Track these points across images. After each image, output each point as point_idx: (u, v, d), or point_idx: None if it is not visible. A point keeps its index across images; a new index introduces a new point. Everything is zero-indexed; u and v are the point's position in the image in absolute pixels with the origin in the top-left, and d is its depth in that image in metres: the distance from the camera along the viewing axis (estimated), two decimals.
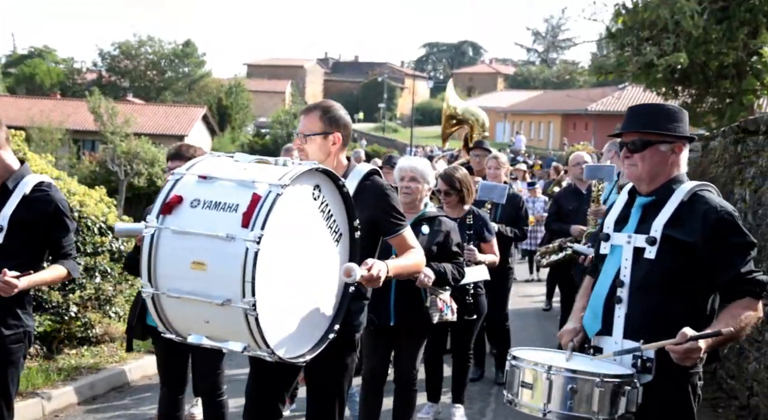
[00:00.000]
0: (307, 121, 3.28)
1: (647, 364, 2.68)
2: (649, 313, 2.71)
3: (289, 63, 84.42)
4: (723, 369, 6.31)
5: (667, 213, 2.75)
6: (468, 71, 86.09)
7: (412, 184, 4.52)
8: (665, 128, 2.79)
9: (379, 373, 4.65)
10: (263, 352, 2.63)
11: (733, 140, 6.52)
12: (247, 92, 56.11)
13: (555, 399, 2.57)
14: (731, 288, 2.68)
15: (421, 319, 4.52)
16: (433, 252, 4.47)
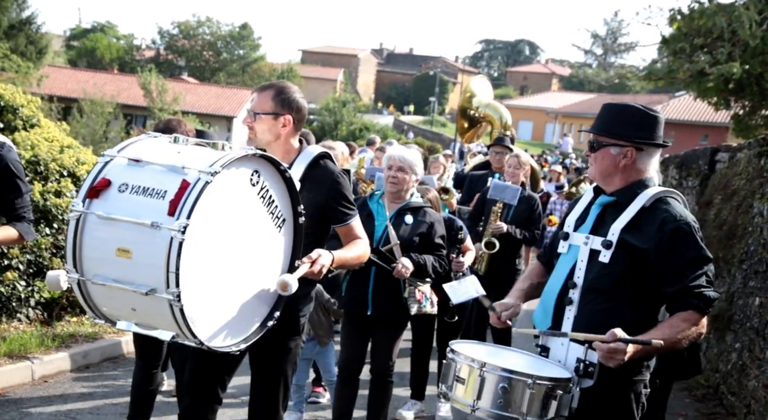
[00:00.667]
0: (259, 100, 3.18)
1: (589, 369, 2.63)
2: (597, 316, 2.66)
3: (343, 51, 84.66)
4: (725, 385, 6.11)
5: (626, 217, 2.70)
6: (522, 70, 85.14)
7: (399, 174, 4.44)
8: (617, 132, 2.74)
9: (354, 362, 4.58)
10: (192, 342, 2.57)
11: (758, 153, 6.28)
12: (300, 78, 56.43)
13: (485, 396, 2.55)
14: (676, 299, 2.63)
15: (398, 310, 4.44)
16: (415, 243, 4.39)
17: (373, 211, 4.51)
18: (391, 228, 4.40)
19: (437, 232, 4.50)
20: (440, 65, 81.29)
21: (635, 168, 2.75)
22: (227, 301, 2.70)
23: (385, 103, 76.81)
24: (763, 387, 5.16)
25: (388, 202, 4.52)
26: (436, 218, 4.56)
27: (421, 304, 4.49)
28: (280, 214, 2.86)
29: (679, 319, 2.59)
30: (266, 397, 3.24)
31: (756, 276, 5.72)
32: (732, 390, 5.93)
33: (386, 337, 4.52)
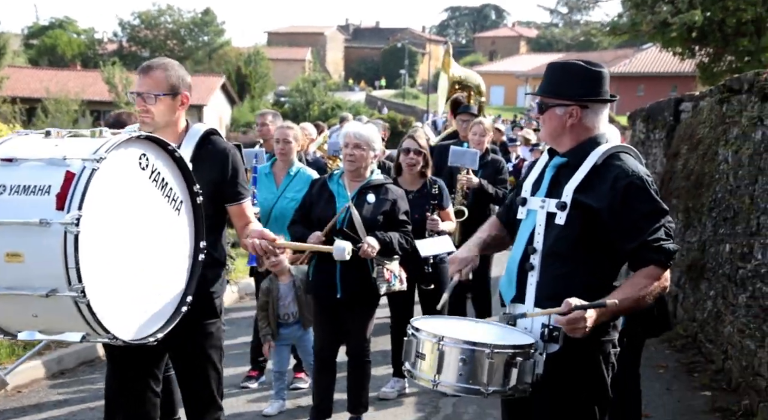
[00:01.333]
0: (151, 81, 3.03)
1: (554, 334, 2.58)
2: (558, 280, 2.61)
3: (309, 30, 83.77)
4: (702, 333, 6.15)
5: (578, 177, 2.64)
6: (490, 35, 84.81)
7: (356, 151, 4.35)
8: (560, 92, 2.69)
9: (329, 346, 4.54)
10: (105, 338, 2.48)
11: (719, 100, 6.25)
12: (267, 60, 55.75)
13: (446, 370, 2.50)
14: (636, 256, 2.58)
15: (368, 291, 4.37)
16: (379, 221, 4.32)
17: (334, 192, 4.42)
18: (354, 208, 4.32)
19: (401, 208, 4.42)
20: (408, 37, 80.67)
21: (583, 126, 2.69)
22: (135, 290, 2.60)
23: (356, 80, 76.30)
24: (738, 332, 5.19)
25: (348, 182, 4.43)
26: (398, 194, 4.48)
27: (390, 283, 4.42)
28: (176, 197, 2.77)
29: (641, 276, 2.55)
30: (197, 387, 3.14)
31: (725, 223, 5.73)
32: (709, 338, 5.97)
33: (358, 318, 4.46)
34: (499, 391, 2.50)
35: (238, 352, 6.25)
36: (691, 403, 5.13)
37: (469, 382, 2.47)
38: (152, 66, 3.08)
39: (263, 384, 5.57)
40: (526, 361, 2.51)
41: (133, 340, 2.58)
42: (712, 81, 19.41)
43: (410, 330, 2.66)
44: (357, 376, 4.54)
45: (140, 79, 3.06)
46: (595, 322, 2.46)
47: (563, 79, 2.72)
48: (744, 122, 5.53)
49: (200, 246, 2.87)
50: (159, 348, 2.86)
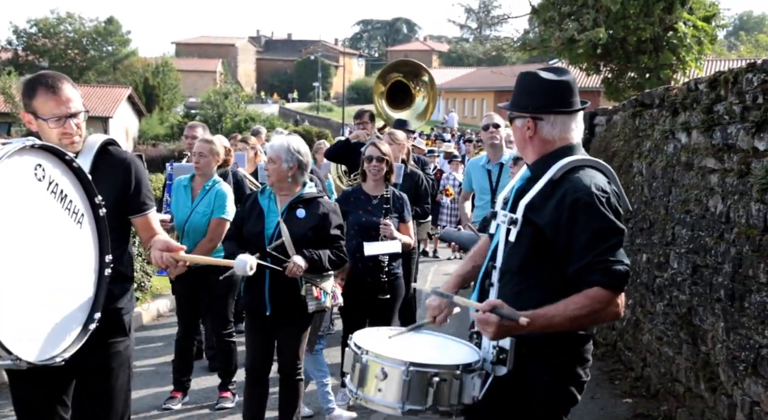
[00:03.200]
0: (74, 97, 2.83)
1: (501, 356, 2.45)
2: (512, 299, 2.44)
3: (219, 41, 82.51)
4: (622, 341, 6.34)
5: (533, 192, 2.52)
6: (402, 49, 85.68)
7: (269, 166, 4.24)
8: (517, 103, 2.63)
9: (259, 363, 4.41)
10: (7, 361, 2.29)
11: (631, 114, 6.50)
12: (176, 72, 54.52)
13: (368, 384, 2.46)
14: (581, 277, 2.38)
15: (298, 308, 4.26)
16: (309, 237, 4.21)
17: (264, 208, 4.29)
18: (283, 224, 4.20)
19: (332, 223, 4.32)
20: (321, 49, 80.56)
21: (542, 139, 2.58)
22: (37, 308, 2.43)
23: (269, 92, 75.61)
24: (657, 339, 5.37)
25: (279, 196, 4.32)
26: (330, 208, 4.38)
27: (319, 301, 4.30)
28: (77, 209, 2.62)
29: (581, 296, 2.34)
30: (103, 412, 2.94)
31: (641, 233, 5.94)
32: (628, 345, 6.16)
33: (290, 336, 4.35)
34: (416, 411, 2.40)
35: (160, 372, 6.01)
36: (614, 410, 5.26)
37: (387, 398, 2.41)
38: (61, 79, 2.86)
39: (187, 404, 5.37)
40: (444, 381, 2.38)
41: (37, 361, 2.40)
42: (616, 96, 20.29)
43: (350, 342, 2.60)
44: (289, 394, 4.43)
45: (66, 97, 2.81)
46: (510, 331, 2.34)
47: (522, 90, 2.64)
48: (656, 136, 5.76)
49: (105, 260, 2.72)
50: (64, 370, 2.65)
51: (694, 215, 4.76)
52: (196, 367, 6.02)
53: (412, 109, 9.06)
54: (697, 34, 18.05)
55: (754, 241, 3.82)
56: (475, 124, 46.15)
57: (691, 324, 4.66)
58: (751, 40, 64.59)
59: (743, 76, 4.10)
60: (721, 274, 4.23)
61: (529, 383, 2.46)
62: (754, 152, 3.94)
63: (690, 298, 4.71)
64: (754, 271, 3.79)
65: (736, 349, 3.95)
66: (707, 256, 4.46)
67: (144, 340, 7.23)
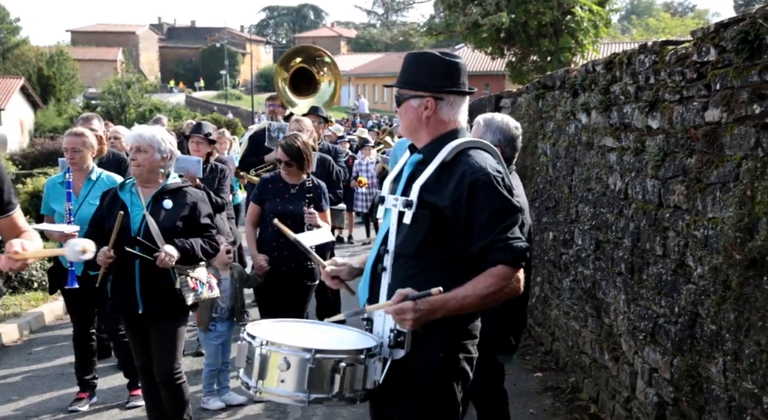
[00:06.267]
0: None
1: (399, 338, 2.45)
2: (408, 282, 2.44)
3: (118, 29, 79.50)
4: (531, 318, 6.53)
5: (426, 174, 2.52)
6: (310, 35, 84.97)
7: (137, 155, 4.03)
8: (415, 82, 2.57)
9: (149, 365, 4.17)
10: None
11: (535, 96, 6.65)
12: (73, 61, 52.14)
13: (269, 376, 2.35)
14: (484, 256, 2.42)
15: (173, 303, 4.06)
16: (179, 228, 4.04)
17: (127, 202, 4.07)
18: (150, 217, 4.01)
19: (202, 212, 4.16)
20: (226, 36, 78.98)
21: (439, 119, 2.56)
22: None
23: (174, 81, 73.48)
24: (564, 314, 5.56)
25: (142, 189, 4.10)
26: (199, 197, 4.22)
27: (197, 292, 4.15)
28: None
29: (487, 275, 2.40)
30: None
31: (547, 212, 6.11)
32: (538, 321, 6.35)
33: (165, 336, 4.08)
34: (322, 399, 2.35)
35: (65, 373, 5.76)
36: (525, 384, 5.42)
37: (290, 389, 2.33)
38: None
39: (95, 405, 5.17)
40: (351, 366, 2.35)
41: None
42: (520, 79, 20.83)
43: (243, 334, 2.47)
44: (172, 402, 4.15)
45: None
46: (427, 315, 2.34)
47: (419, 69, 2.58)
48: (558, 117, 5.92)
49: None
50: None
51: (596, 193, 4.94)
52: (104, 365, 5.82)
53: (318, 95, 8.99)
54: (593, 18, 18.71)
55: (650, 216, 3.99)
56: (385, 109, 46.32)
57: (595, 297, 4.84)
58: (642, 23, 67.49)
59: (636, 58, 4.26)
60: (621, 248, 4.40)
61: (423, 362, 2.47)
62: (647, 130, 4.10)
63: (594, 272, 4.89)
64: (651, 244, 3.97)
65: (636, 319, 4.13)
66: (608, 231, 4.64)
67: (47, 340, 6.92)
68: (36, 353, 6.49)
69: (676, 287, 3.66)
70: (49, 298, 7.75)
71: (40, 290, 8.02)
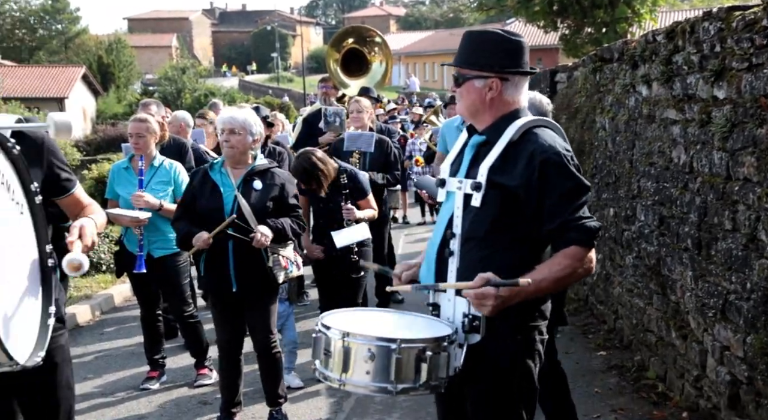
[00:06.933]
0: None
1: (474, 323, 2.42)
2: (477, 266, 2.41)
3: (172, 15, 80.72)
4: (593, 295, 6.44)
5: (493, 155, 2.46)
6: (359, 15, 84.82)
7: (231, 137, 4.13)
8: (479, 62, 2.50)
9: (233, 344, 4.38)
10: (4, 368, 2.19)
11: (592, 69, 6.51)
12: (130, 48, 53.27)
13: (353, 368, 2.32)
14: (557, 237, 2.40)
15: (265, 281, 4.23)
16: (269, 208, 4.17)
17: (218, 182, 4.20)
18: (241, 197, 4.14)
19: (290, 192, 4.29)
20: (277, 19, 79.40)
21: (503, 100, 2.50)
22: (8, 306, 2.31)
23: (227, 65, 74.38)
24: (627, 291, 5.46)
25: (231, 170, 4.23)
26: (285, 178, 4.35)
27: (287, 271, 4.31)
28: (18, 199, 2.47)
29: (561, 256, 2.38)
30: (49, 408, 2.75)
31: (607, 188, 6.00)
32: (600, 299, 6.27)
33: (259, 311, 4.30)
34: (409, 389, 2.31)
35: (135, 352, 5.97)
36: (589, 363, 5.36)
37: (377, 380, 2.29)
38: None
39: (165, 383, 5.35)
40: (437, 354, 2.32)
41: (27, 363, 2.29)
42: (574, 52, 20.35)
43: (318, 326, 2.45)
44: (269, 369, 4.41)
45: None
46: (505, 302, 2.32)
47: (482, 48, 2.51)
48: (617, 90, 5.79)
49: (46, 250, 2.56)
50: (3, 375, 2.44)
51: (659, 167, 4.82)
52: (172, 345, 6.00)
53: (370, 76, 8.99)
54: None
55: (718, 190, 3.88)
56: (436, 88, 46.01)
57: (660, 274, 4.74)
58: None
59: (700, 26, 4.12)
60: (687, 223, 4.29)
61: (501, 345, 2.45)
62: (713, 101, 3.98)
63: (658, 249, 4.78)
64: (719, 218, 3.86)
65: (704, 296, 4.03)
66: (673, 206, 4.53)
67: (117, 320, 7.17)
68: (107, 333, 6.73)
69: (747, 262, 3.56)
70: (117, 281, 8.01)
71: (108, 273, 8.30)
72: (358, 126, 6.38)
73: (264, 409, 4.65)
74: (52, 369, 2.70)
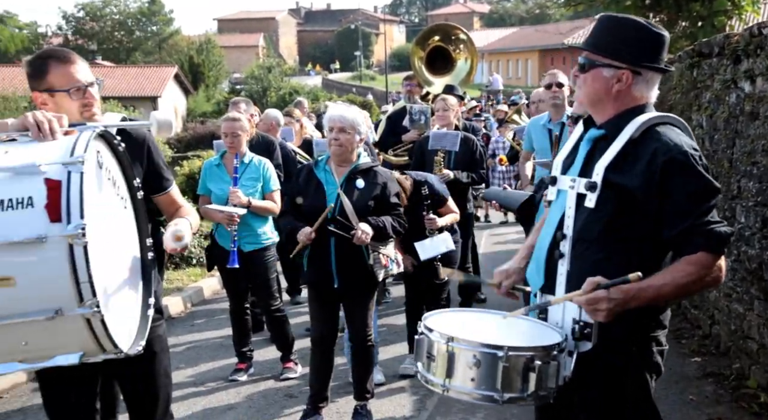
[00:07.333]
0: (86, 66, 2.72)
1: (585, 331, 2.28)
2: (590, 269, 2.27)
3: (259, 15, 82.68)
4: (687, 299, 6.20)
5: (611, 153, 2.30)
6: (443, 12, 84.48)
7: (341, 135, 4.20)
8: (613, 50, 2.31)
9: (327, 337, 4.47)
10: (109, 354, 2.28)
11: (689, 65, 6.26)
12: (219, 48, 54.88)
13: (457, 374, 2.22)
14: (682, 242, 2.22)
15: (365, 278, 4.30)
16: (371, 207, 4.22)
17: (322, 180, 4.28)
18: (344, 195, 4.21)
19: (391, 191, 4.33)
20: (360, 18, 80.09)
21: (631, 95, 2.33)
22: (114, 296, 2.41)
23: (311, 63, 75.58)
24: (725, 296, 5.22)
25: (335, 167, 4.30)
26: (388, 177, 4.39)
27: (387, 268, 4.37)
28: (123, 195, 2.59)
29: (686, 262, 2.20)
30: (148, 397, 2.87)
31: None
32: (694, 304, 6.01)
33: (358, 306, 4.39)
34: (517, 399, 2.20)
35: (224, 344, 6.14)
36: (683, 369, 5.16)
37: (482, 388, 2.19)
38: (70, 51, 2.76)
39: (252, 375, 5.47)
40: (546, 364, 2.19)
41: (129, 351, 2.40)
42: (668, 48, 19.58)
43: (421, 328, 2.37)
44: (362, 360, 4.49)
45: (81, 66, 2.70)
46: (620, 306, 2.16)
47: (618, 36, 2.31)
48: (716, 86, 5.53)
49: (147, 244, 2.69)
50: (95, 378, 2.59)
51: (762, 166, 4.58)
52: (259, 338, 6.13)
53: (454, 73, 8.92)
54: None
55: None
56: (520, 85, 45.31)
57: (762, 279, 4.51)
58: None
59: None
60: None
61: (615, 356, 2.31)
62: None
63: (760, 252, 4.55)
64: None
65: None
66: None
67: (207, 313, 7.39)
68: (197, 325, 6.95)
69: None
70: (206, 274, 8.25)
71: (198, 266, 8.57)
72: (443, 124, 6.34)
73: (347, 405, 4.70)
74: (151, 358, 2.82)
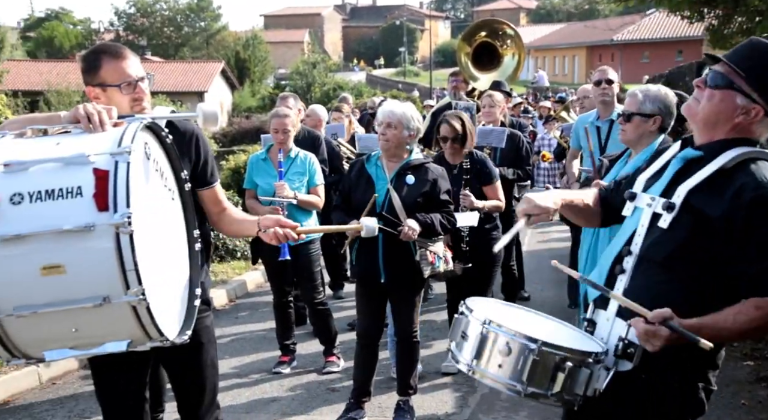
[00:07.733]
0: (137, 61, 2.79)
1: (628, 350, 2.20)
2: (648, 291, 2.20)
3: (305, 11, 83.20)
4: None
5: (699, 177, 2.20)
6: (489, 8, 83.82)
7: (387, 130, 4.20)
8: (754, 78, 2.16)
9: (372, 331, 4.48)
10: (156, 342, 2.32)
11: None
12: (265, 44, 55.40)
13: (485, 357, 2.21)
14: (753, 283, 2.11)
15: (412, 274, 4.29)
16: (419, 203, 4.21)
17: (372, 175, 4.29)
18: (393, 191, 4.21)
19: (442, 188, 4.30)
20: (405, 14, 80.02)
21: (748, 130, 2.21)
22: (161, 286, 2.44)
23: (356, 59, 75.82)
24: None
25: (386, 163, 4.31)
26: (439, 173, 4.36)
27: (434, 266, 4.34)
28: (170, 186, 2.62)
29: (753, 306, 2.08)
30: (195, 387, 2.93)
31: None
32: None
33: (405, 302, 4.39)
34: (539, 395, 2.17)
35: (267, 337, 6.19)
36: (734, 373, 5.02)
37: (507, 376, 2.17)
38: (122, 46, 2.83)
39: (296, 368, 5.50)
40: (578, 368, 2.15)
41: (176, 339, 2.44)
42: (722, 44, 19.09)
43: (462, 308, 2.37)
44: (407, 356, 4.48)
45: (132, 61, 2.77)
46: (672, 343, 2.07)
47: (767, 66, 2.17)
48: None
49: (194, 235, 2.73)
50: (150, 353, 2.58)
51: None
52: (301, 332, 6.16)
53: (501, 69, 8.82)
54: None
55: None
56: (566, 82, 44.75)
57: None
58: None
59: None
60: None
61: (657, 383, 2.23)
62: None
63: None
64: None
65: None
66: None
67: (250, 305, 7.46)
68: (241, 317, 7.02)
69: None
70: (249, 267, 8.33)
71: (242, 259, 8.65)
72: (489, 121, 6.29)
73: (389, 400, 4.70)
74: (198, 348, 2.86)
